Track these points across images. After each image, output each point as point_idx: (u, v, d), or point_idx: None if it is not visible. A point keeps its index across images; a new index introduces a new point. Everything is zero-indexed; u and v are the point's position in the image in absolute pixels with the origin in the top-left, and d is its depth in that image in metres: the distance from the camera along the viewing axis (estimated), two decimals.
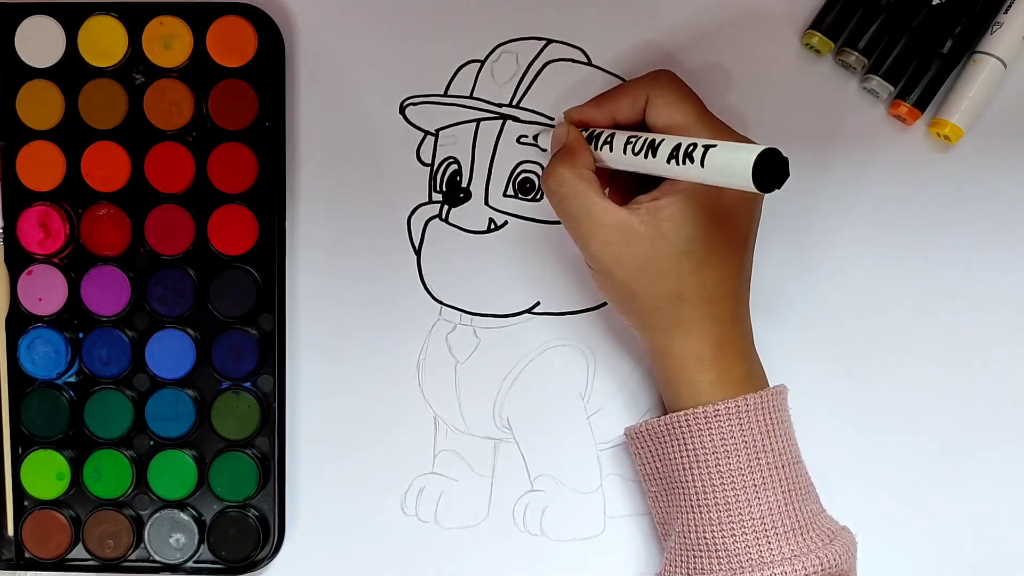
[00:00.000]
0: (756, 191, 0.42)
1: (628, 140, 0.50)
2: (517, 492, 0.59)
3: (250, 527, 0.58)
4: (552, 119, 0.58)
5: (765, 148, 0.42)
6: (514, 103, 0.58)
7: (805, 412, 0.56)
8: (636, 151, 0.49)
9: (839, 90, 0.58)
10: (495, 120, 0.58)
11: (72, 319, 0.58)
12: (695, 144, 0.45)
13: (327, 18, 0.59)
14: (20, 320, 0.58)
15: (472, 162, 0.59)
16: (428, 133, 0.59)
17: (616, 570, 0.58)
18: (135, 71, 0.58)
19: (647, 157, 0.49)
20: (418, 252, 0.59)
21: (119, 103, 0.58)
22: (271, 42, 0.57)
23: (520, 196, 0.59)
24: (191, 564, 0.59)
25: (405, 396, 0.59)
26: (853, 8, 0.56)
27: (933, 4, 0.56)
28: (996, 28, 0.56)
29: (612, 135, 0.52)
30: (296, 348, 0.59)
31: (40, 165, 0.58)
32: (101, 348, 0.58)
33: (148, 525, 0.59)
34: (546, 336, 0.59)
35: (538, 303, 0.59)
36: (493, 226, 0.59)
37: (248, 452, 0.58)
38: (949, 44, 0.56)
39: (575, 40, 0.58)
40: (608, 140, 0.52)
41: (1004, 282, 0.58)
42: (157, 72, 0.58)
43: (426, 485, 0.59)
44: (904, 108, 0.56)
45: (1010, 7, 0.55)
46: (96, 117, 0.58)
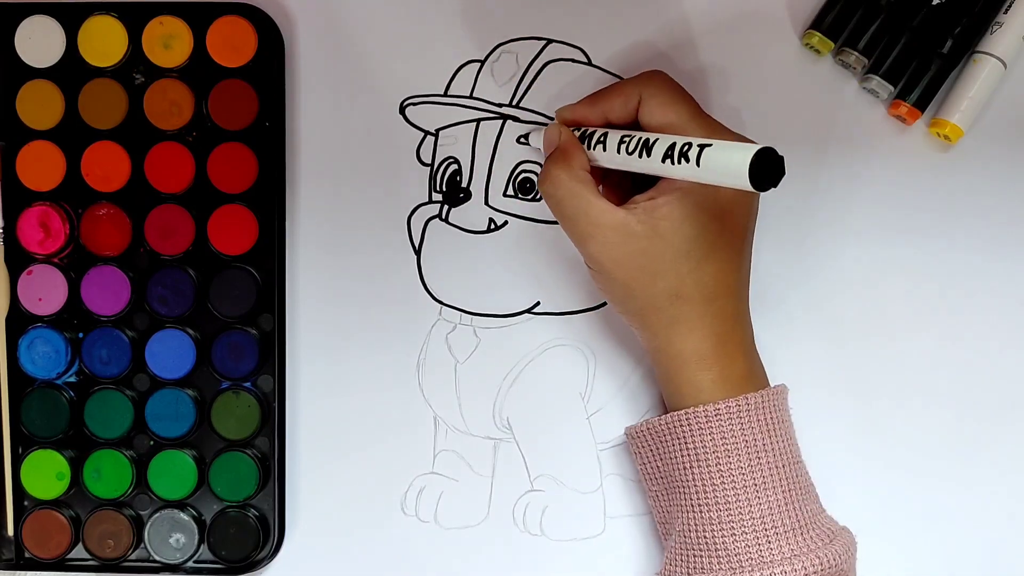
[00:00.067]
0: (752, 190, 0.42)
1: (622, 139, 0.50)
2: (517, 492, 0.59)
3: (250, 527, 0.58)
4: (552, 119, 0.58)
5: (761, 147, 0.42)
6: (514, 103, 0.58)
7: (805, 411, 0.56)
8: (630, 151, 0.49)
9: (839, 90, 0.58)
10: (495, 120, 0.58)
11: (72, 319, 0.58)
12: (690, 143, 0.45)
13: (327, 18, 0.59)
14: (20, 320, 0.58)
15: (472, 162, 0.59)
16: (428, 133, 0.59)
17: (616, 570, 0.58)
18: (135, 71, 0.58)
19: (641, 156, 0.48)
20: (418, 252, 0.59)
21: (119, 103, 0.58)
22: (271, 42, 0.57)
23: (520, 196, 0.59)
24: (191, 564, 0.59)
25: (405, 396, 0.59)
26: (853, 8, 0.56)
27: (933, 4, 0.56)
28: (996, 28, 0.56)
29: (605, 134, 0.52)
30: (296, 348, 0.59)
31: (40, 165, 0.58)
32: (101, 348, 0.58)
33: (148, 525, 0.59)
34: (546, 336, 0.59)
35: (538, 303, 0.59)
36: (493, 226, 0.59)
37: (248, 452, 0.58)
38: (949, 44, 0.56)
39: (575, 40, 0.58)
40: (601, 140, 0.52)
41: (1004, 281, 0.58)
42: (157, 72, 0.58)
43: (426, 485, 0.59)
44: (904, 108, 0.56)
45: (1010, 7, 0.55)
46: (96, 117, 0.58)
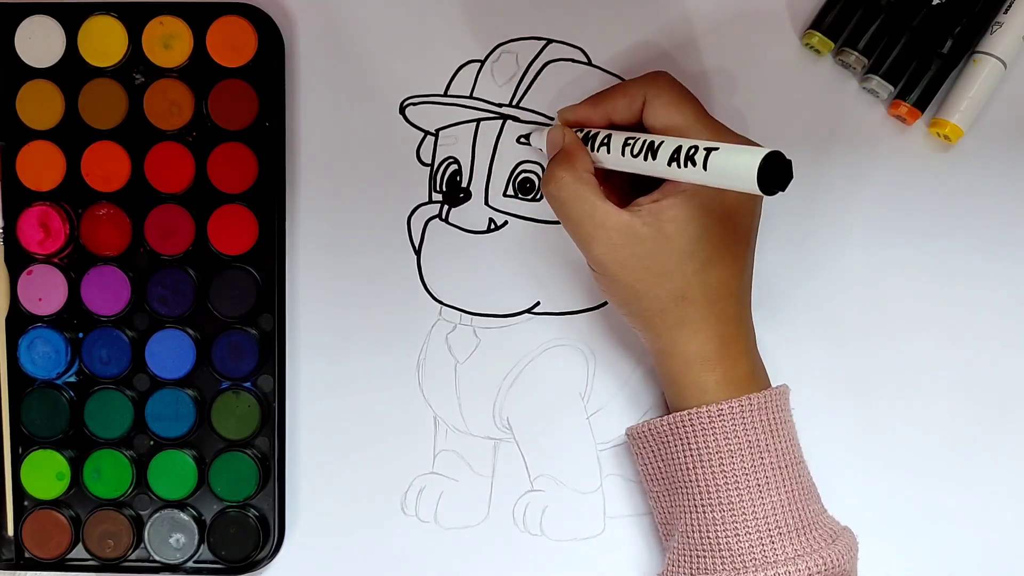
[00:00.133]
0: (760, 194, 0.42)
1: (626, 141, 0.50)
2: (517, 492, 0.59)
3: (250, 527, 0.58)
4: (552, 119, 0.58)
5: (769, 151, 0.42)
6: (514, 103, 0.58)
7: (805, 411, 0.56)
8: (635, 153, 0.49)
9: (839, 90, 0.58)
10: (495, 120, 0.58)
11: (72, 319, 0.58)
12: (696, 147, 0.45)
13: (327, 18, 0.59)
14: (20, 320, 0.58)
15: (472, 162, 0.59)
16: (428, 133, 0.59)
17: (616, 570, 0.58)
18: (135, 71, 0.58)
19: (647, 159, 0.48)
20: (418, 252, 0.59)
21: (119, 103, 0.58)
22: (271, 42, 0.57)
23: (520, 196, 0.59)
24: (191, 564, 0.59)
25: (405, 396, 0.59)
26: (853, 8, 0.56)
27: (933, 4, 0.56)
28: (996, 28, 0.56)
29: (609, 136, 0.52)
30: (296, 348, 0.59)
31: (40, 165, 0.58)
32: (101, 348, 0.58)
33: (148, 525, 0.58)
34: (546, 336, 0.59)
35: (538, 303, 0.59)
36: (493, 226, 0.59)
37: (248, 452, 0.58)
38: (949, 44, 0.56)
39: (575, 40, 0.58)
40: (605, 141, 0.52)
41: (1004, 281, 0.58)
42: (157, 72, 0.58)
43: (426, 485, 0.59)
44: (904, 108, 0.56)
45: (1010, 7, 0.55)
46: (96, 117, 0.58)
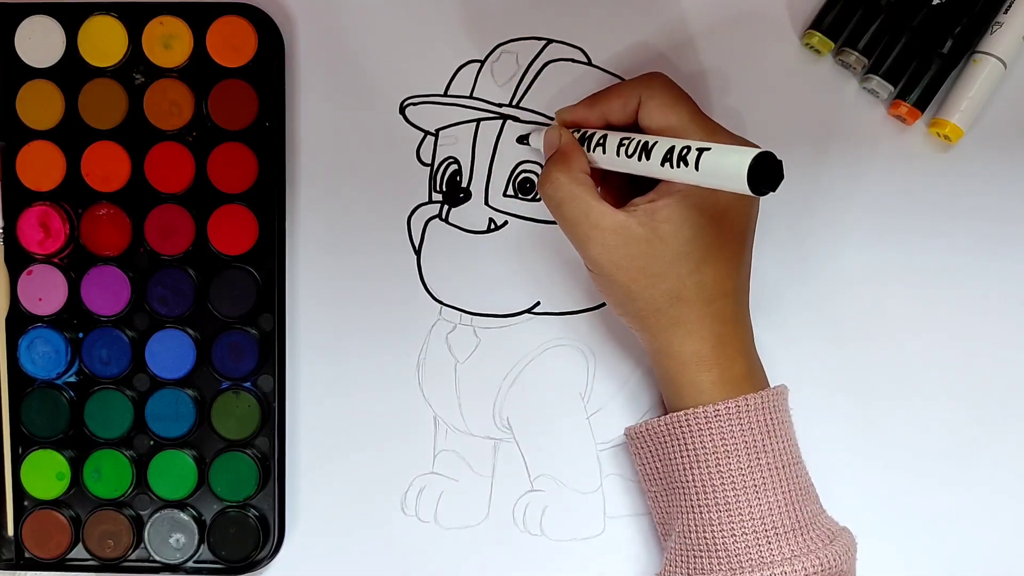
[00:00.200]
0: (751, 194, 0.42)
1: (621, 142, 0.50)
2: (517, 492, 0.59)
3: (250, 527, 0.58)
4: (552, 119, 0.58)
5: (759, 151, 0.42)
6: (514, 103, 0.58)
7: (805, 412, 0.56)
8: (629, 153, 0.49)
9: (839, 90, 0.58)
10: (495, 120, 0.58)
11: (72, 319, 0.58)
12: (689, 147, 0.45)
13: (327, 18, 0.59)
14: (20, 320, 0.58)
15: (472, 162, 0.59)
16: (428, 133, 0.59)
17: (616, 570, 0.58)
18: (135, 71, 0.58)
19: (641, 159, 0.48)
20: (418, 252, 0.59)
21: (119, 103, 0.58)
22: (271, 42, 0.57)
23: (520, 196, 0.59)
24: (191, 564, 0.59)
25: (405, 396, 0.59)
26: (853, 8, 0.56)
27: (933, 4, 0.56)
28: (996, 28, 0.56)
29: (604, 137, 0.52)
30: (296, 348, 0.59)
31: (40, 165, 0.58)
32: (101, 348, 0.58)
33: (148, 525, 0.59)
34: (546, 336, 0.59)
35: (538, 303, 0.59)
36: (493, 226, 0.59)
37: (248, 452, 0.58)
38: (949, 44, 0.56)
39: (575, 40, 0.58)
40: (601, 142, 0.52)
41: (1004, 281, 0.58)
42: (157, 72, 0.58)
43: (426, 485, 0.59)
44: (904, 108, 0.56)
45: (1010, 7, 0.55)
46: (96, 117, 0.58)
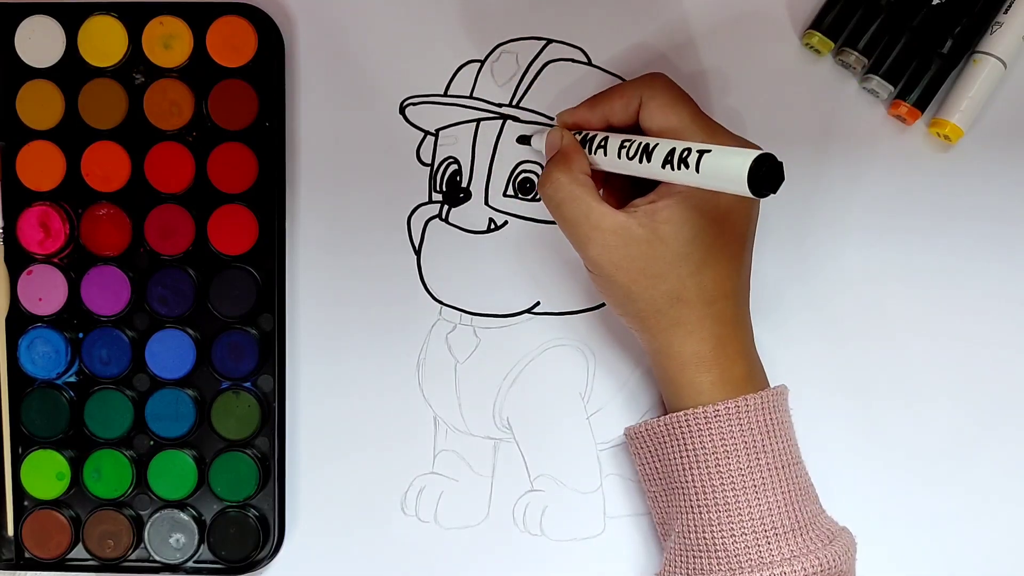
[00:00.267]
0: (751, 196, 0.42)
1: (622, 144, 0.50)
2: (517, 492, 0.59)
3: (250, 527, 0.58)
4: (552, 119, 0.58)
5: (760, 153, 0.42)
6: (514, 103, 0.58)
7: (805, 412, 0.56)
8: (631, 155, 0.49)
9: (839, 90, 0.58)
10: (495, 120, 0.58)
11: (72, 319, 0.58)
12: (689, 149, 0.45)
13: (327, 18, 0.59)
14: (20, 320, 0.58)
15: (472, 162, 0.59)
16: (428, 133, 0.59)
17: (616, 570, 0.58)
18: (135, 71, 0.58)
19: (642, 161, 0.48)
20: (418, 252, 0.59)
21: (119, 103, 0.58)
22: (271, 42, 0.57)
23: (520, 196, 0.59)
24: (191, 564, 0.59)
25: (405, 396, 0.59)
26: (853, 8, 0.56)
27: (933, 4, 0.56)
28: (996, 28, 0.56)
29: (606, 139, 0.52)
30: (296, 348, 0.59)
31: (40, 165, 0.58)
32: (101, 348, 0.58)
33: (148, 525, 0.59)
34: (546, 336, 0.59)
35: (538, 303, 0.59)
36: (493, 226, 0.59)
37: (248, 452, 0.58)
38: (949, 44, 0.56)
39: (575, 40, 0.58)
40: (602, 144, 0.52)
41: (1004, 281, 0.58)
42: (157, 72, 0.58)
43: (426, 485, 0.59)
44: (904, 108, 0.56)
45: (1010, 7, 0.55)
46: (96, 117, 0.58)
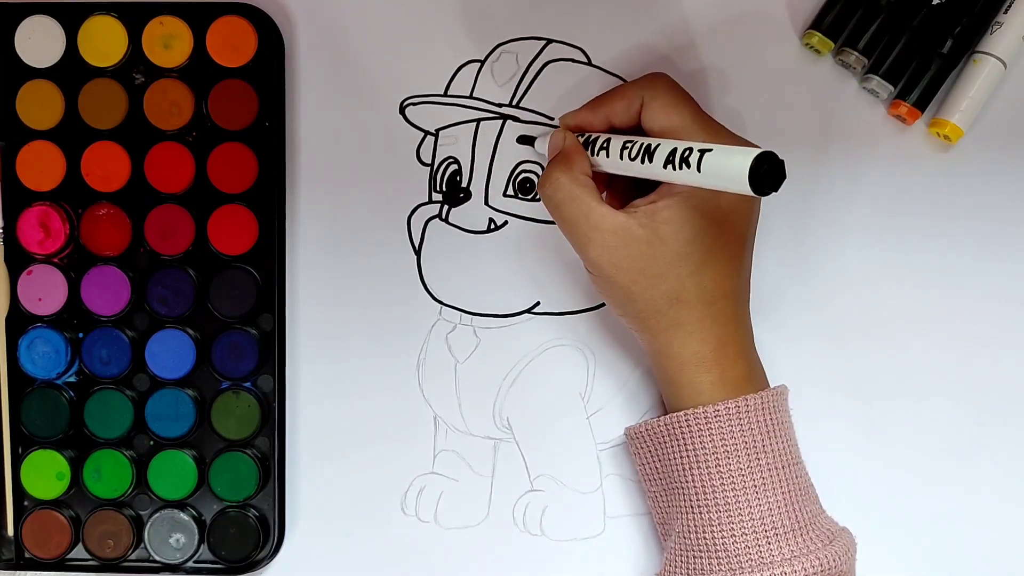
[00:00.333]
0: (753, 195, 0.42)
1: (624, 145, 0.50)
2: (517, 492, 0.59)
3: (250, 527, 0.58)
4: (552, 119, 0.58)
5: (761, 152, 0.42)
6: (514, 103, 0.58)
7: (805, 412, 0.56)
8: (632, 156, 0.49)
9: (839, 90, 0.58)
10: (495, 120, 0.58)
11: (72, 319, 0.58)
12: (691, 148, 0.45)
13: (327, 18, 0.59)
14: (20, 320, 0.58)
15: (472, 162, 0.59)
16: (428, 133, 0.59)
17: (616, 570, 0.58)
18: (135, 71, 0.58)
19: (644, 162, 0.48)
20: (418, 252, 0.59)
21: (119, 103, 0.58)
22: (271, 42, 0.57)
23: (520, 196, 0.59)
24: (191, 564, 0.59)
25: (405, 396, 0.59)
26: (853, 8, 0.56)
27: (933, 4, 0.56)
28: (996, 28, 0.56)
29: (608, 140, 0.52)
30: (296, 348, 0.59)
31: (40, 165, 0.58)
32: (101, 348, 0.58)
33: (148, 525, 0.59)
34: (546, 336, 0.59)
35: (538, 303, 0.59)
36: (493, 226, 0.59)
37: (248, 452, 0.58)
38: (949, 44, 0.56)
39: (575, 40, 0.58)
40: (604, 145, 0.52)
41: (1004, 281, 0.58)
42: (157, 72, 0.58)
43: (426, 485, 0.59)
44: (904, 108, 0.56)
45: (1010, 7, 0.55)
46: (96, 117, 0.58)
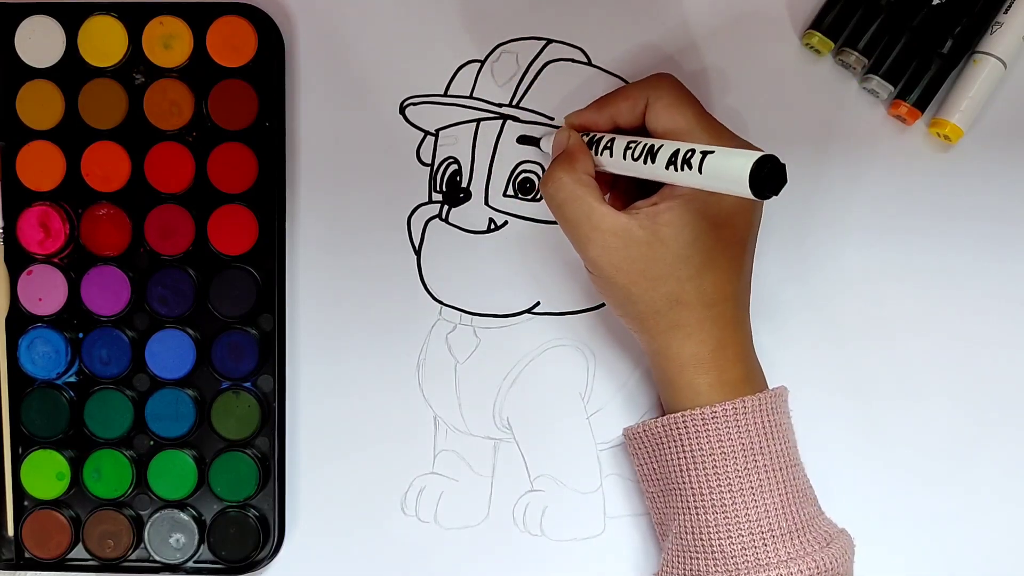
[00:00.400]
0: (753, 198, 0.42)
1: (628, 145, 0.50)
2: (517, 492, 0.59)
3: (250, 527, 0.58)
4: (552, 119, 0.58)
5: (762, 155, 0.41)
6: (514, 103, 0.58)
7: (805, 412, 0.56)
8: (635, 157, 0.49)
9: (839, 90, 0.58)
10: (495, 120, 0.58)
11: (72, 319, 0.58)
12: (693, 150, 0.45)
13: (327, 18, 0.59)
14: (20, 320, 0.58)
15: (472, 162, 0.59)
16: (428, 133, 0.59)
17: (616, 570, 0.58)
18: (135, 71, 0.58)
19: (646, 163, 0.48)
20: (418, 252, 0.59)
21: (119, 103, 0.58)
22: (271, 42, 0.57)
23: (520, 196, 0.59)
24: (191, 564, 0.59)
25: (405, 396, 0.59)
26: (853, 8, 0.56)
27: (933, 4, 0.56)
28: (996, 28, 0.56)
29: (612, 140, 0.52)
30: (296, 348, 0.59)
31: (40, 165, 0.58)
32: (101, 348, 0.58)
33: (148, 525, 0.59)
34: (546, 336, 0.59)
35: (538, 303, 0.59)
36: (493, 226, 0.59)
37: (248, 452, 0.58)
38: (949, 44, 0.56)
39: (575, 40, 0.58)
40: (608, 145, 0.52)
41: (1004, 281, 0.58)
42: (157, 72, 0.58)
43: (426, 485, 0.59)
44: (904, 108, 0.56)
45: (1010, 7, 0.55)
46: (96, 117, 0.58)
